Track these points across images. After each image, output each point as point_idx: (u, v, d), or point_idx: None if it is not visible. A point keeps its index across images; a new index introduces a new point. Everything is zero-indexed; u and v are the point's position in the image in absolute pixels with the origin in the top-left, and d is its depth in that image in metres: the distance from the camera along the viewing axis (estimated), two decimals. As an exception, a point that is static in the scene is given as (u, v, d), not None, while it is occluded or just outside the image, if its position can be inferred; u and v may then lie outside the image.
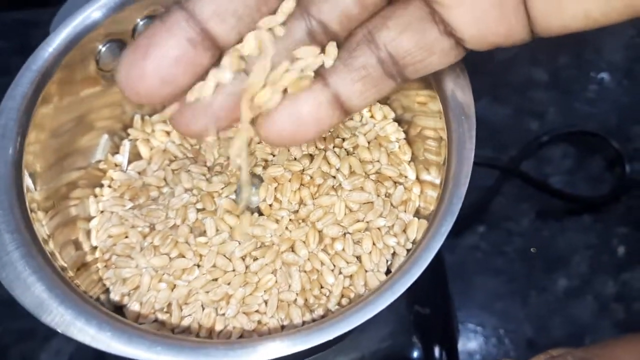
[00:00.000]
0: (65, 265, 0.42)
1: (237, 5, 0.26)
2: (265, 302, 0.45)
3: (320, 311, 0.45)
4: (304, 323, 0.45)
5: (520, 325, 0.69)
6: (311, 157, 0.50)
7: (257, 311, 0.45)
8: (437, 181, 0.46)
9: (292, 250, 0.47)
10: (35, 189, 0.42)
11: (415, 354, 0.53)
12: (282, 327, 0.45)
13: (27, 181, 0.41)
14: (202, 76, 0.27)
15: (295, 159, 0.50)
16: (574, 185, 0.74)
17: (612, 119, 0.76)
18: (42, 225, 0.41)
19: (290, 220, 0.47)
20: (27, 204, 0.40)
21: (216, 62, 0.27)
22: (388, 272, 0.48)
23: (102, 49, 0.46)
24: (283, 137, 0.29)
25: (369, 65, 0.29)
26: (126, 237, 0.48)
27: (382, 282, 0.38)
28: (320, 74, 0.29)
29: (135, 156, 0.53)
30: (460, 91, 0.41)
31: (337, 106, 0.29)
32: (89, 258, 0.48)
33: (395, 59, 0.29)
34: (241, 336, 0.45)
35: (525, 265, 0.71)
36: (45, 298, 0.35)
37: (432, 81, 0.42)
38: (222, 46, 0.26)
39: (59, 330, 0.34)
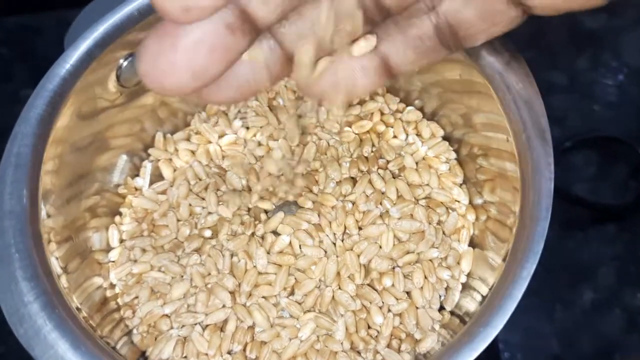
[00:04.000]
0: (80, 306, 0.37)
1: None
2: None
3: (369, 356, 0.41)
4: (353, 369, 0.40)
5: (546, 341, 0.66)
6: (353, 180, 0.45)
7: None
8: (492, 207, 0.42)
9: (339, 287, 0.42)
10: (50, 216, 0.37)
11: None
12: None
13: (47, 207, 0.36)
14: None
15: (337, 181, 0.45)
16: (598, 193, 0.70)
17: (635, 123, 0.72)
18: (57, 258, 0.37)
19: (333, 252, 0.43)
20: (44, 241, 0.35)
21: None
22: (441, 308, 0.43)
23: (124, 63, 0.41)
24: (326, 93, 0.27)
25: (425, 35, 0.26)
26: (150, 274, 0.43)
27: (458, 335, 0.33)
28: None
29: (157, 177, 0.48)
30: (533, 112, 0.36)
31: (384, 71, 0.27)
32: (109, 294, 0.43)
33: (455, 29, 0.25)
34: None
35: (549, 278, 0.67)
36: (70, 358, 0.30)
37: (501, 99, 0.37)
38: (262, 29, 0.22)
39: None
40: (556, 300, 0.67)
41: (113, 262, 0.44)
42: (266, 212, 0.45)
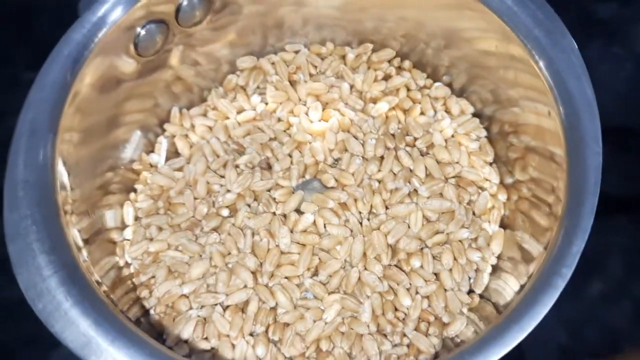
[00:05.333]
0: (101, 280, 0.35)
1: None
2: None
3: (396, 339, 0.39)
4: (381, 353, 0.38)
5: (553, 331, 0.65)
6: (380, 159, 0.43)
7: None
8: (524, 186, 0.40)
9: (365, 268, 0.40)
10: (71, 188, 0.35)
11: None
12: (352, 358, 0.39)
13: (63, 177, 0.34)
14: None
15: (364, 158, 0.43)
16: (607, 184, 0.69)
17: (644, 113, 0.71)
18: (78, 232, 0.35)
19: (359, 232, 0.41)
20: (61, 213, 0.33)
21: None
22: (470, 291, 0.41)
23: (142, 31, 0.39)
24: None
25: None
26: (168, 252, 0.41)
27: (495, 324, 0.31)
28: None
29: (173, 154, 0.46)
30: (579, 83, 0.34)
31: None
32: (124, 272, 0.41)
33: None
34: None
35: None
36: (92, 335, 0.29)
37: (543, 73, 0.35)
38: None
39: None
40: (565, 291, 0.66)
41: (128, 240, 0.42)
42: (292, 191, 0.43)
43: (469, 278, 0.42)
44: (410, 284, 0.40)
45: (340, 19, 0.46)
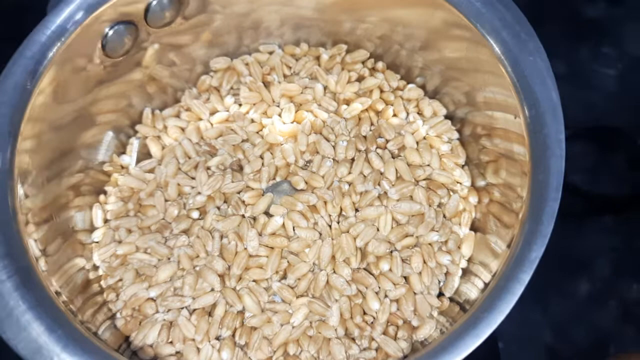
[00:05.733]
0: (60, 289, 0.35)
1: None
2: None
3: (364, 342, 0.39)
4: (348, 358, 0.38)
5: (541, 332, 0.65)
6: (351, 161, 0.43)
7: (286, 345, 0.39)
8: (496, 189, 0.40)
9: (333, 271, 0.40)
10: (28, 196, 0.35)
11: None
12: (319, 361, 0.39)
13: (21, 187, 0.34)
14: None
15: (335, 160, 0.43)
16: (596, 184, 0.69)
17: (634, 113, 0.71)
18: (35, 240, 0.34)
19: (328, 235, 0.41)
20: (19, 218, 0.32)
21: None
22: (440, 294, 0.41)
23: (110, 32, 0.38)
24: None
25: None
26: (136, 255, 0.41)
27: (462, 319, 0.31)
28: None
29: (144, 156, 0.46)
30: (544, 87, 0.34)
31: None
32: (91, 275, 0.41)
33: None
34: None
35: (545, 269, 0.66)
36: (44, 342, 0.28)
37: (509, 74, 0.35)
38: None
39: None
40: (551, 291, 0.66)
41: (97, 242, 0.42)
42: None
43: (439, 281, 0.41)
44: (379, 288, 0.40)
45: (318, 20, 0.46)
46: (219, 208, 0.42)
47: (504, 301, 0.30)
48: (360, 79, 0.47)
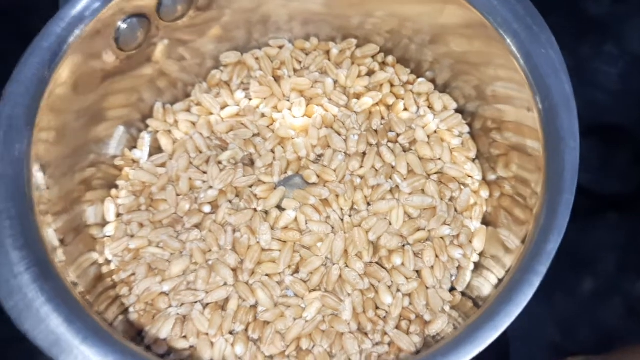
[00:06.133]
0: (77, 281, 0.35)
1: None
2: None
3: (377, 337, 0.39)
4: (361, 352, 0.38)
5: (546, 328, 0.65)
6: (362, 155, 0.43)
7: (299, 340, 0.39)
8: (507, 183, 0.40)
9: (346, 265, 0.40)
10: (47, 187, 0.35)
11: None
12: (332, 357, 0.39)
13: (37, 177, 0.34)
14: None
15: (347, 154, 0.43)
16: (600, 182, 0.69)
17: (637, 112, 0.71)
18: (54, 232, 0.34)
19: (341, 229, 0.41)
20: (36, 209, 0.32)
21: None
22: (452, 289, 0.41)
23: (123, 25, 0.38)
24: None
25: None
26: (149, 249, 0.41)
27: (469, 322, 0.31)
28: None
29: (156, 150, 0.46)
30: (557, 79, 0.34)
31: None
32: (104, 270, 0.41)
33: None
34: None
35: (550, 265, 0.66)
36: (63, 333, 0.28)
37: (522, 67, 0.35)
38: None
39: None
40: (557, 288, 0.66)
41: (109, 237, 0.42)
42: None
43: (451, 275, 0.41)
44: (392, 282, 0.40)
45: (326, 15, 0.46)
46: (231, 202, 0.42)
47: (522, 293, 0.30)
48: (370, 73, 0.47)
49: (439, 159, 0.43)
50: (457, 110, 0.45)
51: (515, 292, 0.30)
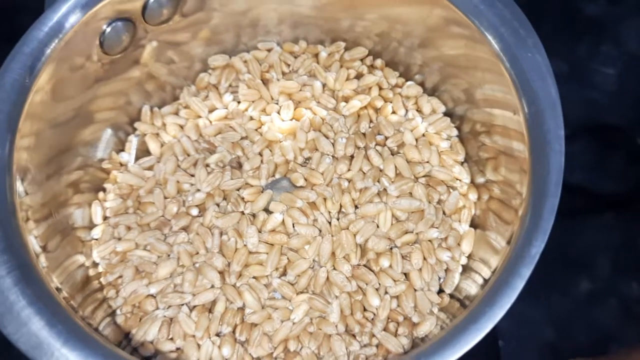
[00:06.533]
0: (60, 286, 0.35)
1: None
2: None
3: (365, 339, 0.39)
4: (349, 354, 0.38)
5: (541, 329, 0.65)
6: (350, 158, 0.43)
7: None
8: (495, 186, 0.40)
9: (333, 267, 0.40)
10: (27, 193, 0.35)
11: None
12: (319, 359, 0.39)
13: (17, 184, 0.34)
14: None
15: (334, 157, 0.43)
16: (596, 182, 0.69)
17: (633, 112, 0.71)
18: (35, 237, 0.34)
19: (328, 231, 0.41)
20: (18, 215, 0.32)
21: None
22: (440, 291, 0.41)
23: (107, 29, 0.38)
24: None
25: None
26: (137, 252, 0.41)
27: (463, 314, 0.31)
28: None
29: (143, 153, 0.46)
30: (543, 83, 0.34)
31: None
32: (91, 272, 0.41)
33: None
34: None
35: (545, 266, 0.66)
36: (44, 336, 0.28)
37: (508, 70, 0.35)
38: None
39: (63, 379, 0.27)
40: (552, 288, 0.66)
41: (96, 239, 0.42)
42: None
43: (439, 278, 0.41)
44: (379, 284, 0.40)
45: (316, 17, 0.46)
46: (218, 205, 0.42)
47: (505, 296, 0.30)
48: (358, 76, 0.47)
49: (427, 162, 0.43)
50: (446, 114, 0.45)
51: (500, 294, 0.30)
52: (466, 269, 0.41)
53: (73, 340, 0.29)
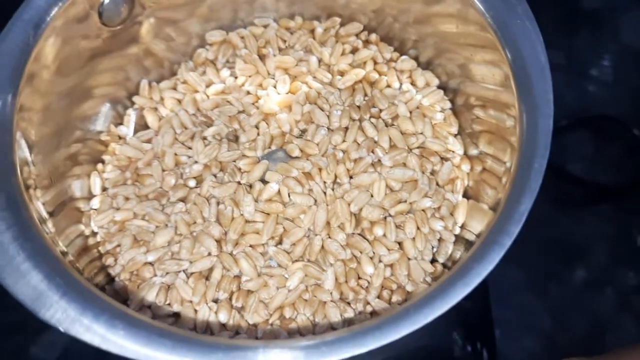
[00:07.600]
0: (66, 250, 0.36)
1: None
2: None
3: (359, 306, 0.39)
4: (344, 321, 0.39)
5: (538, 318, 0.65)
6: (345, 130, 0.44)
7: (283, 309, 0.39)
8: (489, 158, 0.41)
9: (328, 236, 0.41)
10: (33, 164, 0.35)
11: (456, 351, 0.48)
12: (314, 325, 0.39)
13: (25, 153, 0.34)
14: None
15: (329, 129, 0.43)
16: (593, 173, 0.69)
17: (630, 103, 0.71)
18: (42, 204, 0.35)
19: (323, 201, 0.41)
20: (20, 175, 0.33)
21: None
22: (433, 260, 0.42)
23: (106, 0, 0.39)
24: None
25: None
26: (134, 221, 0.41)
27: (441, 280, 0.31)
28: None
29: (141, 127, 0.47)
30: (530, 48, 0.35)
31: None
32: (90, 241, 0.41)
33: None
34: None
35: (542, 256, 0.66)
36: (43, 289, 0.29)
37: (498, 38, 0.36)
38: None
39: (62, 329, 0.28)
40: (549, 278, 0.66)
41: (95, 210, 0.43)
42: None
43: (432, 247, 0.42)
44: (374, 253, 0.40)
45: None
46: (215, 176, 0.43)
47: (493, 252, 0.30)
48: (354, 51, 0.47)
49: (421, 133, 0.44)
50: (440, 87, 0.46)
51: (487, 251, 0.30)
52: (459, 239, 0.42)
53: (72, 293, 0.29)
